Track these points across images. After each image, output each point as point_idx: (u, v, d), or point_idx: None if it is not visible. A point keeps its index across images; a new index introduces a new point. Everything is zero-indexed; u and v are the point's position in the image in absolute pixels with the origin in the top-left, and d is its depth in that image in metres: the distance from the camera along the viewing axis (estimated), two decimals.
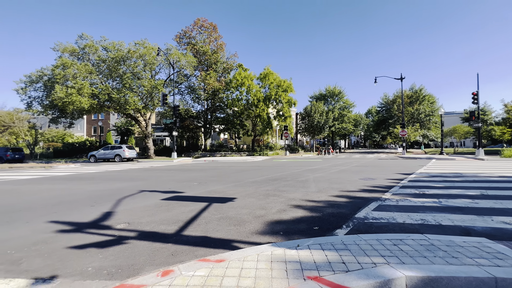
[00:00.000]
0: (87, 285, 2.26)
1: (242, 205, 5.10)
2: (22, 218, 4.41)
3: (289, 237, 3.34)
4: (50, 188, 7.84)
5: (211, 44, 32.23)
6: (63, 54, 22.46)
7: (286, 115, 31.24)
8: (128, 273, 2.46)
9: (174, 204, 5.28)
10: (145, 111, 25.83)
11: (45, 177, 11.06)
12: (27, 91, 22.23)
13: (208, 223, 3.98)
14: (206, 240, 3.27)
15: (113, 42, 23.30)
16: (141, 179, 9.57)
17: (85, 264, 2.66)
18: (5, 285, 2.25)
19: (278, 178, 9.19)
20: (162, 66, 26.90)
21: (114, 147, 23.32)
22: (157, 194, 6.49)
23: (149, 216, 4.39)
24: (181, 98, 33.19)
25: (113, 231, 3.69)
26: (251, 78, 29.97)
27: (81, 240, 3.34)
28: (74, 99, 20.11)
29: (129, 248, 3.06)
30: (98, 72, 23.50)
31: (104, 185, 8.25)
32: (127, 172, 12.50)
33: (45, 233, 3.64)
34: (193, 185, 7.84)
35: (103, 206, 5.18)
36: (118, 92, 22.93)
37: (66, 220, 4.27)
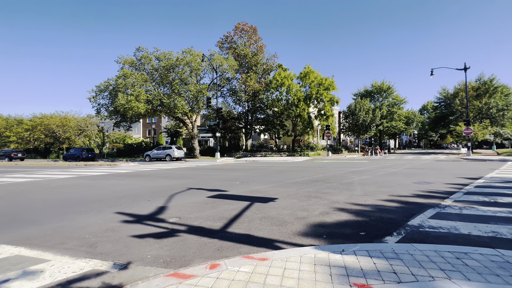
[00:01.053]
0: (147, 270, 2.56)
1: (283, 206, 5.11)
2: (95, 209, 5.18)
3: (333, 241, 3.24)
4: (115, 183, 9.02)
5: (251, 47, 32.95)
6: (124, 66, 25.55)
7: (328, 114, 30.06)
8: (180, 263, 2.71)
9: (218, 202, 5.58)
10: (191, 114, 27.74)
11: (111, 173, 12.74)
12: (97, 99, 25.91)
13: (250, 221, 4.10)
14: (249, 238, 3.39)
15: (164, 52, 25.59)
16: (189, 177, 10.31)
17: (145, 251, 3.01)
18: (85, 264, 2.69)
19: (320, 180, 8.93)
20: (206, 71, 28.52)
21: (165, 148, 25.60)
22: (203, 191, 6.92)
23: (197, 212, 4.73)
24: (224, 100, 34.68)
25: (166, 224, 4.08)
26: (291, 78, 29.66)
27: (141, 230, 3.78)
28: (132, 105, 22.71)
29: (181, 240, 3.35)
30: (152, 80, 26.09)
31: (158, 182, 9.14)
32: (176, 171, 13.59)
33: (113, 222, 4.22)
34: (236, 184, 8.13)
35: (157, 201, 5.76)
36: (168, 97, 25.10)
37: (129, 212, 4.87)
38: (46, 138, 38.26)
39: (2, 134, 41.92)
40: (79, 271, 2.54)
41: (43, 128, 37.21)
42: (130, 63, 25.69)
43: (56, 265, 2.66)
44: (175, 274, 2.32)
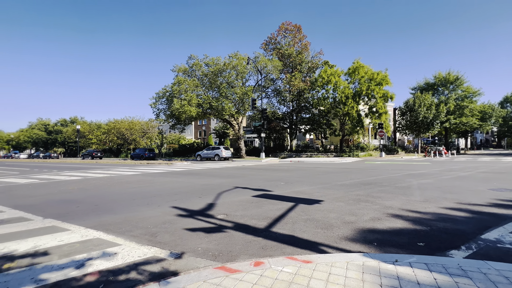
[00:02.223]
0: (198, 261, 2.80)
1: (329, 209, 4.93)
2: (155, 203, 5.85)
3: (385, 250, 3.00)
4: (171, 180, 10.00)
5: (295, 46, 32.52)
6: (178, 73, 28.07)
7: (381, 111, 27.60)
8: (227, 258, 2.87)
9: (263, 202, 5.69)
10: (237, 116, 28.83)
11: (168, 171, 14.14)
12: (156, 104, 29.07)
13: (295, 223, 4.08)
14: (293, 239, 3.38)
15: (212, 58, 27.21)
16: (235, 177, 10.75)
17: (196, 244, 3.29)
18: (148, 250, 3.08)
19: (371, 183, 8.30)
20: (251, 73, 29.26)
21: (214, 148, 27.18)
22: (249, 191, 7.14)
23: (243, 210, 4.92)
24: (268, 101, 35.04)
25: (214, 220, 4.36)
26: (338, 74, 28.21)
27: (193, 224, 4.13)
28: (186, 109, 24.79)
29: (227, 236, 3.55)
30: (202, 85, 28.01)
31: (208, 180, 9.78)
32: (224, 170, 14.31)
33: (169, 215, 4.71)
34: (280, 185, 8.16)
35: (207, 198, 6.18)
36: (216, 101, 26.61)
37: (182, 207, 5.35)
38: (118, 140, 44.61)
39: (86, 137, 50.54)
40: (143, 256, 2.92)
41: (115, 131, 43.50)
42: (183, 71, 28.09)
43: (126, 249, 3.12)
44: (222, 268, 2.48)
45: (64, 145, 60.36)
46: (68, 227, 4.04)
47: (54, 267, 2.66)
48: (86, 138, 50.92)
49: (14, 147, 71.16)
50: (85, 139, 51.14)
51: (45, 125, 66.47)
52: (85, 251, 3.07)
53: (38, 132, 64.37)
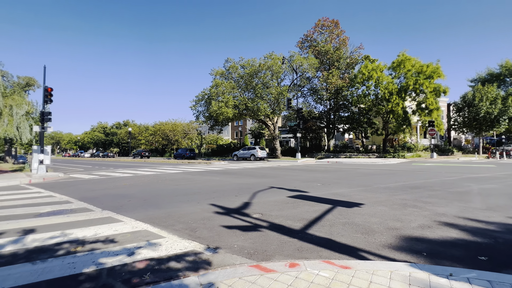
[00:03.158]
0: (234, 258, 2.88)
1: (371, 213, 4.63)
2: (195, 200, 6.19)
3: (436, 261, 2.70)
4: (210, 179, 10.47)
5: (332, 42, 31.24)
6: (216, 77, 29.25)
7: (432, 108, 24.83)
8: (262, 257, 2.90)
9: (299, 202, 5.60)
10: (273, 116, 28.87)
11: (207, 170, 14.84)
12: (196, 107, 30.73)
13: (332, 226, 3.93)
14: (330, 243, 3.26)
15: (248, 60, 27.71)
16: (271, 177, 10.77)
17: (232, 241, 3.39)
18: (188, 244, 3.28)
19: (419, 186, 7.54)
20: (287, 73, 29.01)
21: (250, 148, 27.66)
22: (284, 191, 7.09)
23: (278, 210, 4.91)
24: (304, 100, 34.31)
25: (250, 218, 4.43)
26: (381, 69, 26.23)
27: (229, 222, 4.26)
28: (223, 110, 25.72)
29: (263, 235, 3.58)
30: (238, 86, 28.73)
31: (243, 179, 10.00)
32: (259, 170, 14.46)
33: (208, 212, 4.93)
34: (317, 186, 7.93)
35: (243, 197, 6.32)
36: (252, 102, 27.02)
37: (220, 204, 5.56)
38: (163, 140, 48.37)
39: (136, 138, 55.89)
40: (184, 249, 3.12)
41: (160, 133, 47.25)
42: (220, 74, 29.18)
43: (169, 241, 3.36)
44: (257, 266, 2.51)
45: (118, 146, 67.71)
46: (121, 219, 4.52)
47: (110, 253, 3.01)
48: (136, 139, 56.39)
49: (80, 147, 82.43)
50: (135, 140, 56.64)
51: (104, 128, 75.39)
52: (135, 241, 3.40)
53: (98, 134, 73.35)
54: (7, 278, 2.47)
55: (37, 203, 6.03)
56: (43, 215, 4.93)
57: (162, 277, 2.45)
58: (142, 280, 2.42)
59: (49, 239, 3.52)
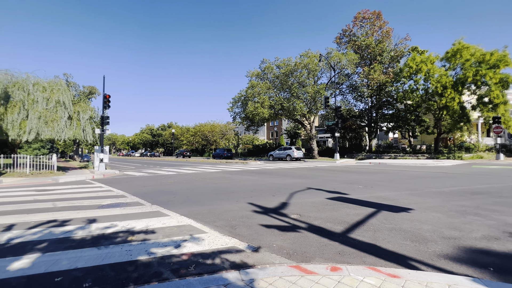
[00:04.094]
0: (273, 257, 2.90)
1: (422, 219, 4.22)
2: (234, 198, 6.39)
3: (506, 279, 2.35)
4: (247, 178, 10.69)
5: (374, 35, 29.24)
6: (251, 78, 29.74)
7: (497, 102, 21.45)
8: (301, 258, 2.87)
9: (338, 205, 5.38)
10: (309, 115, 28.21)
11: (244, 170, 15.17)
12: (233, 108, 31.65)
13: (376, 231, 3.69)
14: (374, 249, 3.07)
15: (284, 60, 27.55)
16: (308, 177, 10.54)
17: (271, 240, 3.41)
18: (228, 240, 3.40)
19: (482, 192, 6.60)
20: (324, 70, 28.06)
21: (285, 148, 27.46)
22: (322, 192, 6.88)
23: (316, 212, 4.79)
24: (343, 98, 32.78)
25: (288, 219, 4.41)
26: (431, 61, 23.62)
27: (267, 221, 4.30)
28: (259, 111, 26.03)
29: (301, 237, 3.53)
30: (273, 87, 28.76)
31: (280, 179, 9.97)
32: (296, 170, 14.26)
33: (246, 210, 5.05)
34: (358, 188, 7.51)
35: (280, 197, 6.31)
36: (288, 101, 26.81)
37: (258, 203, 5.65)
38: (202, 141, 50.94)
39: (179, 139, 59.87)
40: (225, 245, 3.25)
41: (200, 134, 49.84)
42: (256, 75, 29.57)
43: (211, 237, 3.54)
44: (298, 267, 2.49)
45: (163, 146, 73.38)
46: (168, 213, 4.90)
47: (160, 244, 3.29)
48: (178, 140, 60.45)
49: (131, 147, 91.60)
50: (178, 141, 60.74)
51: (151, 129, 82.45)
52: (181, 235, 3.66)
53: (146, 135, 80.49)
54: (79, 259, 2.88)
55: (99, 196, 6.89)
56: (104, 206, 5.61)
57: (206, 270, 2.59)
58: (188, 271, 2.59)
59: (109, 228, 3.99)
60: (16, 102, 12.52)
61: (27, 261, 2.84)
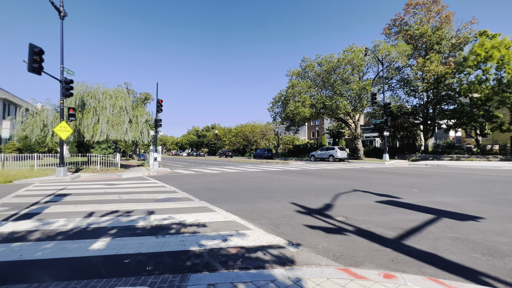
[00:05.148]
0: (318, 258, 2.85)
1: (495, 230, 3.64)
2: (276, 197, 6.43)
3: None
4: (288, 178, 10.63)
5: (430, 21, 26.10)
6: (292, 77, 29.40)
7: None
8: (349, 262, 2.75)
9: (389, 209, 4.98)
10: (354, 114, 26.62)
11: (285, 170, 15.11)
12: (273, 108, 31.74)
13: (437, 239, 3.31)
14: (435, 259, 2.77)
15: (325, 56, 26.54)
16: (353, 179, 9.98)
17: (316, 241, 3.35)
18: (273, 238, 3.45)
19: None
20: (370, 65, 26.18)
21: (328, 148, 26.43)
22: (370, 195, 6.45)
23: (364, 216, 4.52)
24: (392, 94, 30.06)
25: (333, 221, 4.26)
26: (506, 46, 20.01)
27: (311, 222, 4.23)
28: (299, 110, 25.59)
29: (348, 240, 3.38)
30: (315, 85, 27.94)
31: (323, 180, 9.66)
32: (339, 171, 13.62)
33: (289, 210, 5.04)
34: (412, 192, 6.82)
35: (324, 198, 6.12)
36: (330, 99, 25.75)
37: (300, 204, 5.58)
38: (243, 141, 52.30)
39: (222, 139, 62.59)
40: (269, 242, 3.30)
41: (241, 134, 51.26)
42: (296, 74, 29.13)
43: (256, 234, 3.64)
44: (346, 270, 2.40)
45: (207, 146, 77.56)
46: (215, 209, 5.18)
47: (209, 237, 3.51)
48: (221, 140, 63.21)
49: (180, 148, 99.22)
50: (221, 141, 63.52)
51: (196, 131, 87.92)
52: (227, 229, 3.84)
53: (192, 136, 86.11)
54: (142, 246, 3.26)
55: (154, 191, 7.65)
56: (159, 200, 6.22)
57: (252, 265, 2.68)
58: (235, 264, 2.72)
59: (164, 220, 4.41)
60: (90, 108, 14.70)
61: (102, 244, 3.34)
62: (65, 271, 2.65)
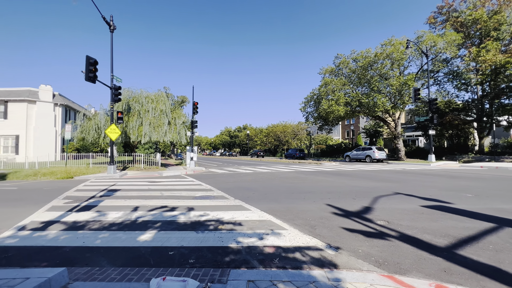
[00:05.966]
0: (359, 263, 2.73)
1: None
2: (310, 198, 6.31)
3: None
4: (322, 179, 10.34)
5: (486, 5, 23.08)
6: (325, 75, 28.51)
7: None
8: (394, 269, 2.58)
9: (438, 215, 4.55)
10: (393, 111, 24.81)
11: (318, 171, 14.72)
12: (305, 108, 31.12)
13: (499, 251, 2.94)
14: (498, 273, 2.46)
15: (361, 52, 25.19)
16: (394, 181, 9.32)
17: (355, 245, 3.21)
18: (309, 240, 3.40)
19: None
20: (412, 58, 24.17)
21: (364, 149, 25.05)
22: (415, 199, 5.96)
23: (409, 221, 4.19)
24: (439, 89, 27.34)
25: (373, 225, 4.03)
26: None
27: (349, 224, 4.06)
28: (333, 108, 24.69)
29: (392, 245, 3.18)
30: (350, 82, 26.70)
31: (360, 182, 9.19)
32: (378, 173, 12.82)
33: (325, 212, 4.91)
34: (466, 197, 6.13)
35: (362, 201, 5.83)
36: (366, 97, 24.36)
37: (336, 206, 5.39)
38: (275, 141, 52.26)
39: (253, 139, 63.34)
40: (306, 243, 3.26)
41: (272, 134, 51.28)
42: (329, 72, 28.16)
43: (291, 234, 3.62)
44: (391, 278, 2.27)
45: (239, 146, 79.18)
46: (249, 208, 5.28)
47: (245, 235, 3.59)
48: (253, 141, 63.98)
49: (213, 148, 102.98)
50: (252, 141, 64.30)
51: (228, 131, 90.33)
52: (263, 228, 3.89)
53: (225, 137, 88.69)
54: (184, 239, 3.47)
55: (192, 189, 8.07)
56: (197, 198, 6.54)
57: (290, 265, 2.68)
58: (273, 263, 2.75)
59: (202, 216, 4.63)
60: (134, 112, 16.08)
61: (149, 236, 3.64)
62: (119, 258, 2.94)
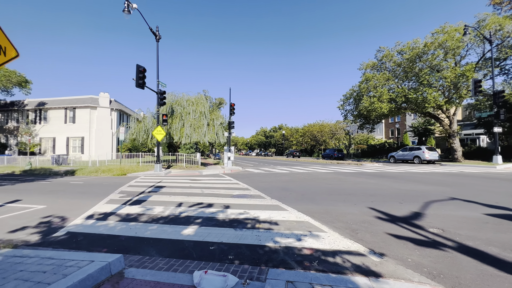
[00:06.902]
0: (409, 273, 2.50)
1: None
2: (351, 200, 5.99)
3: None
4: (364, 181, 9.74)
5: None
6: (365, 70, 26.77)
7: None
8: (451, 283, 2.31)
9: (508, 225, 3.92)
10: (447, 106, 22.12)
11: (359, 172, 13.90)
12: (344, 106, 29.64)
13: None
14: None
15: (408, 43, 23.02)
16: (449, 185, 8.31)
17: (404, 253, 2.95)
18: (350, 244, 3.23)
19: None
20: (471, 46, 21.23)
21: (412, 149, 22.87)
22: (476, 206, 5.23)
23: (469, 230, 3.70)
24: (506, 79, 23.50)
25: (425, 232, 3.65)
26: None
27: (396, 230, 3.75)
28: (375, 106, 23.03)
29: (448, 257, 2.84)
30: (394, 77, 24.61)
31: (407, 185, 8.41)
32: (428, 175, 11.57)
33: (367, 215, 4.61)
34: None
35: (410, 206, 5.33)
36: (414, 92, 22.19)
37: (380, 210, 5.02)
38: (311, 141, 50.93)
39: (289, 139, 62.71)
40: (347, 248, 3.11)
41: (309, 134, 50.05)
42: (371, 67, 26.35)
43: (331, 237, 3.48)
44: None
45: (275, 146, 79.17)
46: (286, 208, 5.24)
47: (283, 235, 3.58)
48: (288, 141, 63.35)
49: (249, 148, 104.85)
50: (288, 141, 63.68)
51: (264, 131, 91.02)
52: (300, 229, 3.82)
53: (260, 137, 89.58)
54: (223, 236, 3.60)
55: (230, 187, 8.33)
56: (234, 196, 6.73)
57: (330, 269, 2.58)
58: (312, 265, 2.68)
59: (240, 214, 4.74)
60: (177, 114, 17.25)
61: (191, 230, 3.86)
62: (166, 250, 3.19)
